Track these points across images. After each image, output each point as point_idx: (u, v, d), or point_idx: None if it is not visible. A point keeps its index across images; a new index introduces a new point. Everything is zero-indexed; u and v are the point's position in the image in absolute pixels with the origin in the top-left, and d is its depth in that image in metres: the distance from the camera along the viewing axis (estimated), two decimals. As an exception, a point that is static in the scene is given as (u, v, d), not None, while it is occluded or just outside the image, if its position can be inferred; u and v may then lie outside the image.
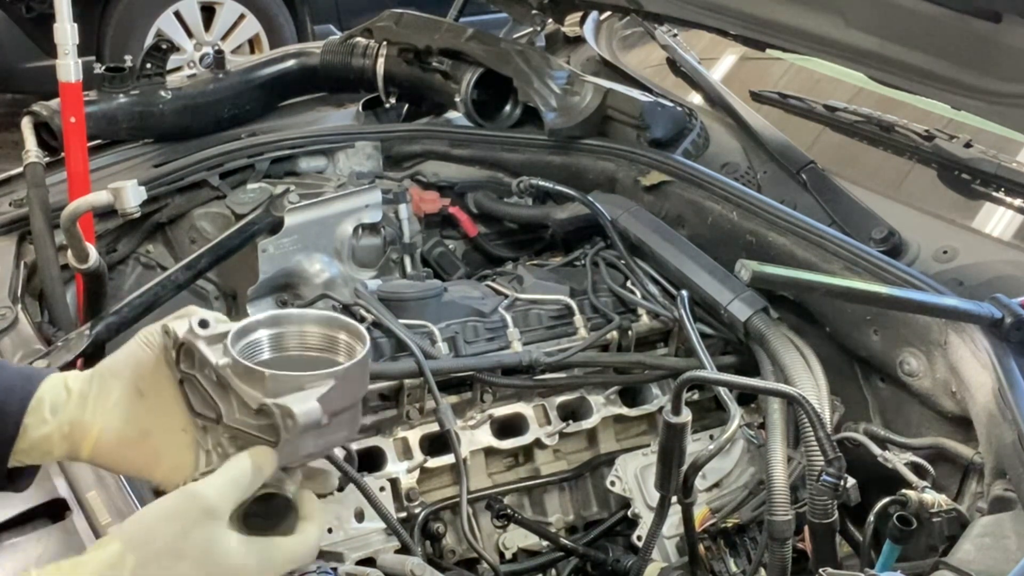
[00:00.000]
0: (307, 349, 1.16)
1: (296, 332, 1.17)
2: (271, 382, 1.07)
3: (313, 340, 1.16)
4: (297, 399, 1.06)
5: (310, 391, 1.07)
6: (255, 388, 1.08)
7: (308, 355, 1.15)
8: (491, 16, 3.41)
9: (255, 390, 1.08)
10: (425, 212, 2.35)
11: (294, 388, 1.07)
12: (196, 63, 5.85)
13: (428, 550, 1.73)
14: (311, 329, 1.16)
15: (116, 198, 1.87)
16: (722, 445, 1.57)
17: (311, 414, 1.05)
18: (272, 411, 1.05)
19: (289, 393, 1.06)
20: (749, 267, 1.40)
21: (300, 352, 1.16)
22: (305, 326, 1.16)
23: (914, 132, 2.10)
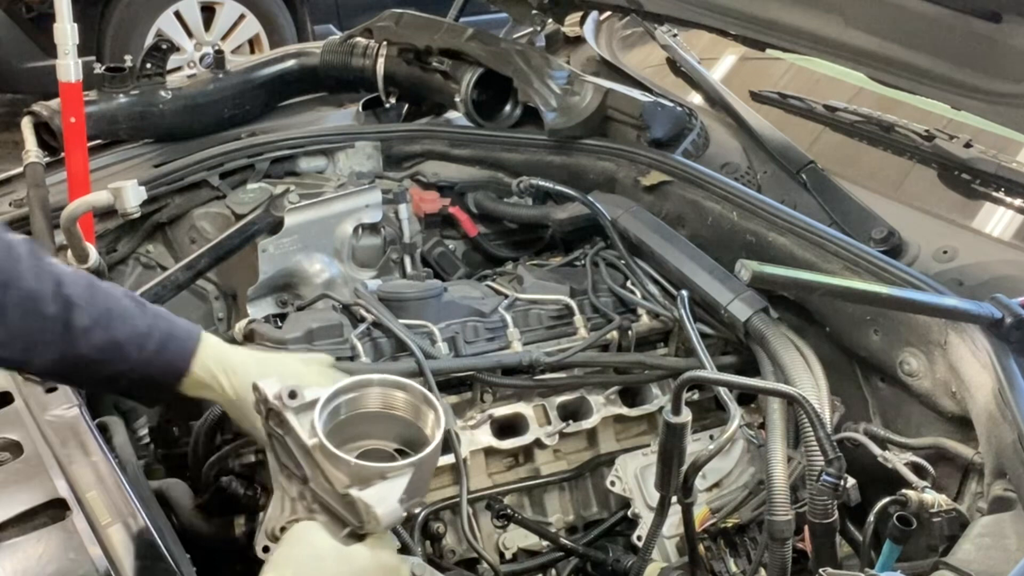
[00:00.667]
0: (388, 408, 1.30)
1: (377, 394, 1.30)
2: (355, 470, 1.19)
3: (395, 402, 1.30)
4: (381, 496, 1.18)
5: (393, 482, 1.19)
6: (341, 470, 1.20)
7: (385, 413, 1.29)
8: (491, 16, 3.41)
9: (341, 473, 1.20)
10: (425, 212, 2.35)
11: (377, 476, 1.20)
12: (196, 63, 5.85)
13: (428, 550, 1.73)
14: (391, 392, 1.29)
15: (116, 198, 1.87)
16: (722, 445, 1.57)
17: (393, 515, 1.19)
18: (357, 504, 1.19)
19: (373, 480, 1.19)
20: (749, 267, 1.40)
21: (378, 411, 1.29)
22: (386, 390, 1.29)
23: (914, 132, 2.10)
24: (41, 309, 1.34)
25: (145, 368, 1.40)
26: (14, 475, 1.43)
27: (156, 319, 1.43)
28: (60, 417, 1.54)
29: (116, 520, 1.35)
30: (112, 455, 1.50)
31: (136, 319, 1.41)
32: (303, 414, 1.27)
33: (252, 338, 1.83)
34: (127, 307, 1.41)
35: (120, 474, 1.44)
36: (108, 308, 1.39)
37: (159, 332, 1.41)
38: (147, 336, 1.40)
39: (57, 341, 1.35)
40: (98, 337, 1.37)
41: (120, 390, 1.44)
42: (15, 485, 1.42)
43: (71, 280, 1.38)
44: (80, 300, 1.36)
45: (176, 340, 1.43)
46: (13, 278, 1.33)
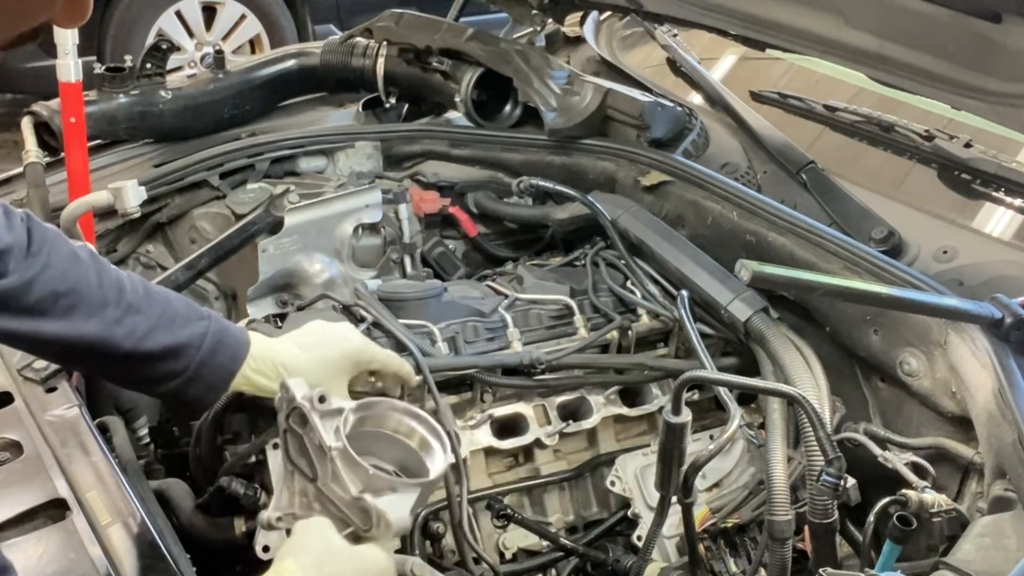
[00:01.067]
0: (398, 433, 1.39)
1: (395, 419, 1.40)
2: (371, 478, 1.29)
3: (403, 429, 1.39)
4: (393, 505, 1.28)
5: (403, 495, 1.29)
6: (357, 476, 1.29)
7: (394, 437, 1.39)
8: (491, 16, 3.41)
9: (356, 478, 1.29)
10: (425, 212, 2.35)
11: (388, 487, 1.29)
12: (197, 63, 5.85)
13: (428, 550, 1.73)
14: (406, 419, 1.40)
15: (116, 198, 1.88)
16: (722, 445, 1.57)
17: (402, 523, 1.29)
18: (369, 510, 1.27)
19: (383, 489, 1.29)
20: (749, 267, 1.40)
21: (390, 433, 1.39)
22: (403, 417, 1.40)
23: (914, 132, 2.10)
24: (105, 313, 1.42)
25: (199, 369, 1.48)
26: (14, 475, 1.44)
27: (210, 322, 1.51)
28: (60, 417, 1.55)
29: (116, 520, 1.35)
30: (112, 455, 1.50)
31: (191, 323, 1.49)
32: (327, 419, 1.34)
33: (252, 338, 1.83)
34: (181, 311, 1.50)
35: (120, 474, 1.45)
36: (164, 312, 1.47)
37: (213, 334, 1.49)
38: (202, 338, 1.48)
39: (121, 343, 1.43)
40: (159, 339, 1.45)
41: (178, 390, 1.49)
42: (15, 485, 1.43)
43: (130, 287, 1.46)
44: (140, 306, 1.45)
45: (228, 343, 1.51)
46: (78, 282, 1.41)
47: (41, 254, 1.39)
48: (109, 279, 1.44)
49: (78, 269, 1.42)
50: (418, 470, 1.37)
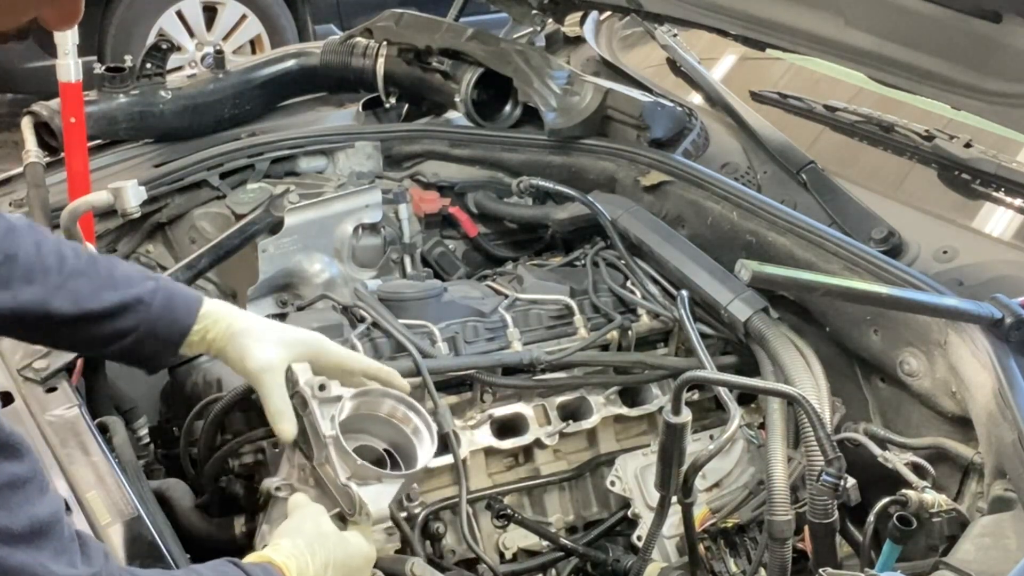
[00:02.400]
0: (392, 417, 1.50)
1: (390, 405, 1.50)
2: (359, 468, 1.39)
3: (397, 415, 1.50)
4: (375, 495, 1.39)
5: (386, 485, 1.40)
6: (346, 464, 1.39)
7: (389, 420, 1.50)
8: (491, 16, 3.40)
9: (345, 465, 1.39)
10: (425, 212, 2.35)
11: (374, 477, 1.40)
12: (197, 63, 5.85)
13: (428, 550, 1.73)
14: (400, 407, 1.50)
15: (116, 198, 1.87)
16: (722, 445, 1.57)
17: (381, 513, 1.40)
18: (353, 497, 1.38)
19: (371, 479, 1.40)
20: (749, 267, 1.40)
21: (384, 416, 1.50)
22: (397, 404, 1.50)
23: (914, 132, 2.10)
24: (46, 280, 1.41)
25: (152, 326, 1.47)
26: (14, 475, 1.43)
27: (159, 281, 1.51)
28: (60, 417, 1.55)
29: (116, 520, 1.36)
30: (112, 455, 1.50)
31: (140, 282, 1.48)
32: (325, 405, 1.44)
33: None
34: (129, 272, 1.49)
35: (120, 474, 1.45)
36: (111, 273, 1.47)
37: (163, 292, 1.49)
38: (152, 295, 1.47)
39: (66, 305, 1.42)
40: (107, 297, 1.44)
41: (132, 348, 1.48)
42: (15, 485, 1.42)
43: (72, 252, 1.46)
44: (83, 269, 1.44)
45: (180, 300, 1.50)
46: (15, 252, 1.40)
47: None
48: (48, 247, 1.43)
49: (13, 239, 1.41)
50: (407, 450, 1.48)
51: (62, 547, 1.04)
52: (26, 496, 1.01)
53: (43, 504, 1.03)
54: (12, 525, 0.98)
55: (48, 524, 1.02)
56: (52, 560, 1.01)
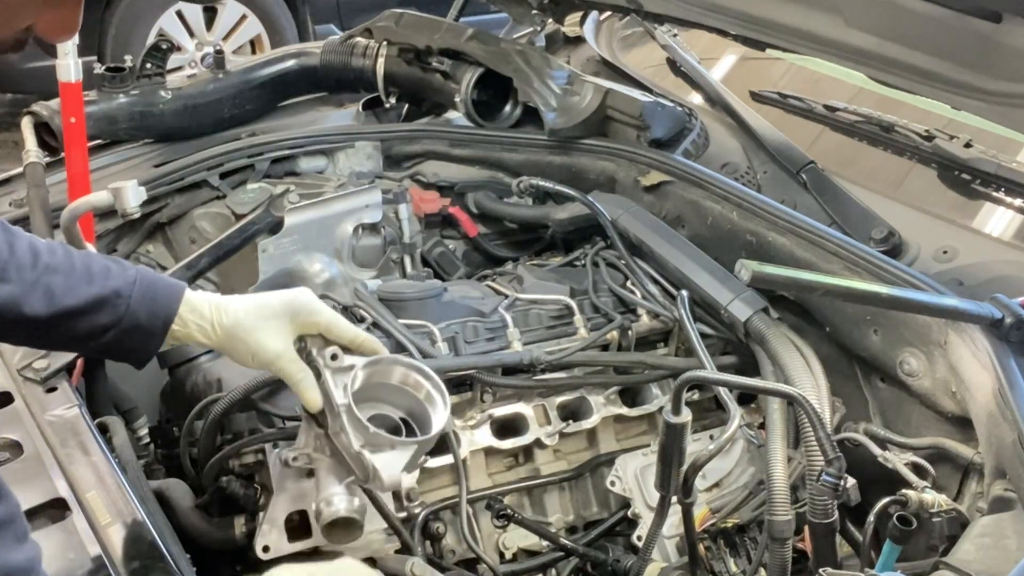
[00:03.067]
0: (406, 384, 1.49)
1: (401, 372, 1.49)
2: (372, 436, 1.39)
3: (410, 381, 1.49)
4: (388, 463, 1.38)
5: (399, 452, 1.39)
6: (359, 432, 1.40)
7: (402, 388, 1.49)
8: (491, 16, 3.41)
9: (359, 434, 1.40)
10: (425, 212, 2.35)
11: (388, 444, 1.39)
12: (198, 63, 5.86)
13: (428, 550, 1.73)
14: (412, 373, 1.49)
15: (116, 198, 1.87)
16: (722, 445, 1.57)
17: (394, 480, 1.38)
18: (366, 465, 1.38)
19: (383, 447, 1.39)
20: (749, 267, 1.40)
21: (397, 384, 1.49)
22: (409, 371, 1.49)
23: (914, 132, 2.10)
24: (20, 277, 1.37)
25: (133, 319, 1.42)
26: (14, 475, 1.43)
27: (138, 272, 1.46)
28: (60, 417, 1.54)
29: (116, 520, 1.35)
30: (112, 455, 1.50)
31: (118, 275, 1.44)
32: (338, 375, 1.44)
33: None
34: (107, 265, 1.45)
35: (120, 474, 1.44)
36: (87, 267, 1.42)
37: (142, 283, 1.44)
38: (131, 286, 1.43)
39: (41, 302, 1.38)
40: (83, 292, 1.40)
41: (113, 343, 1.44)
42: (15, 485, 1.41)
43: (46, 249, 1.42)
44: (58, 265, 1.40)
45: (161, 289, 1.46)
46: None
47: None
48: (21, 246, 1.39)
49: None
50: (423, 417, 1.47)
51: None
52: (2, 542, 0.99)
53: (18, 552, 1.01)
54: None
55: (23, 573, 1.00)
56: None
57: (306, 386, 1.46)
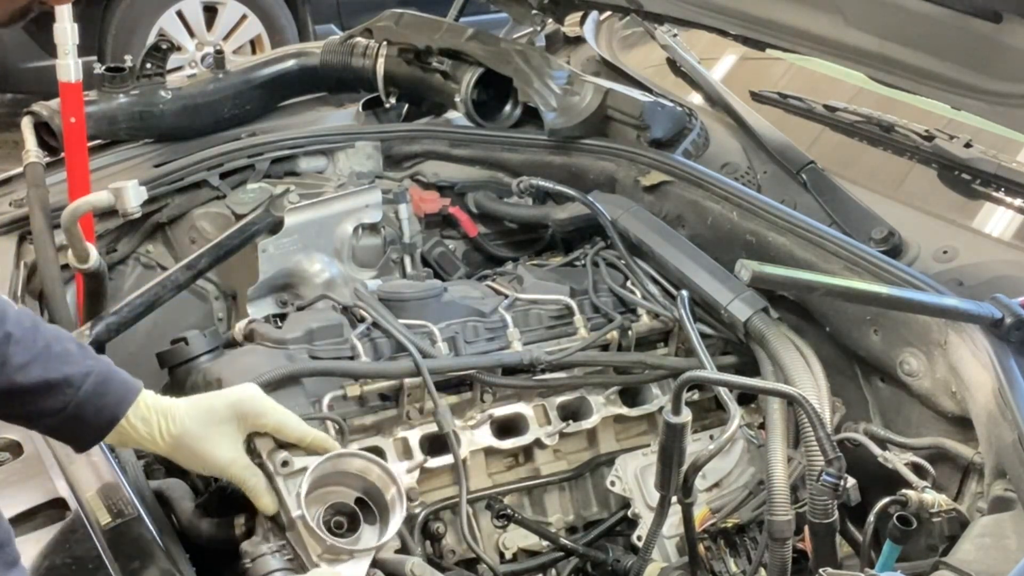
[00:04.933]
0: (362, 473, 1.48)
1: (359, 464, 1.48)
2: (329, 547, 1.38)
3: (368, 474, 1.48)
4: (349, 571, 1.39)
5: (359, 562, 1.40)
6: (316, 541, 1.39)
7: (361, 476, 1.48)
8: (491, 16, 3.40)
9: (315, 543, 1.39)
10: (425, 212, 2.35)
11: (347, 554, 1.39)
12: (198, 63, 5.86)
13: (428, 550, 1.73)
14: (370, 466, 1.48)
15: (117, 198, 1.87)
16: (722, 445, 1.57)
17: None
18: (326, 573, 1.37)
19: (342, 555, 1.39)
20: (749, 267, 1.40)
21: (355, 473, 1.48)
22: (366, 463, 1.48)
23: (914, 132, 2.10)
24: None
25: (77, 410, 1.38)
26: (14, 475, 1.44)
27: (97, 364, 1.42)
28: (60, 417, 1.54)
29: (116, 520, 1.35)
30: (112, 455, 1.50)
31: (76, 362, 1.39)
32: (290, 480, 1.43)
33: (252, 338, 1.83)
34: (69, 349, 1.41)
35: (120, 474, 1.44)
36: (48, 347, 1.38)
37: (96, 376, 1.40)
38: (83, 379, 1.38)
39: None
40: (35, 373, 1.36)
41: (55, 428, 1.41)
42: (15, 485, 1.43)
43: (14, 317, 1.37)
44: (20, 337, 1.35)
45: (113, 387, 1.42)
46: None
47: None
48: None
49: None
50: (379, 497, 1.47)
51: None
52: None
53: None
54: None
55: None
56: None
57: (258, 493, 1.44)
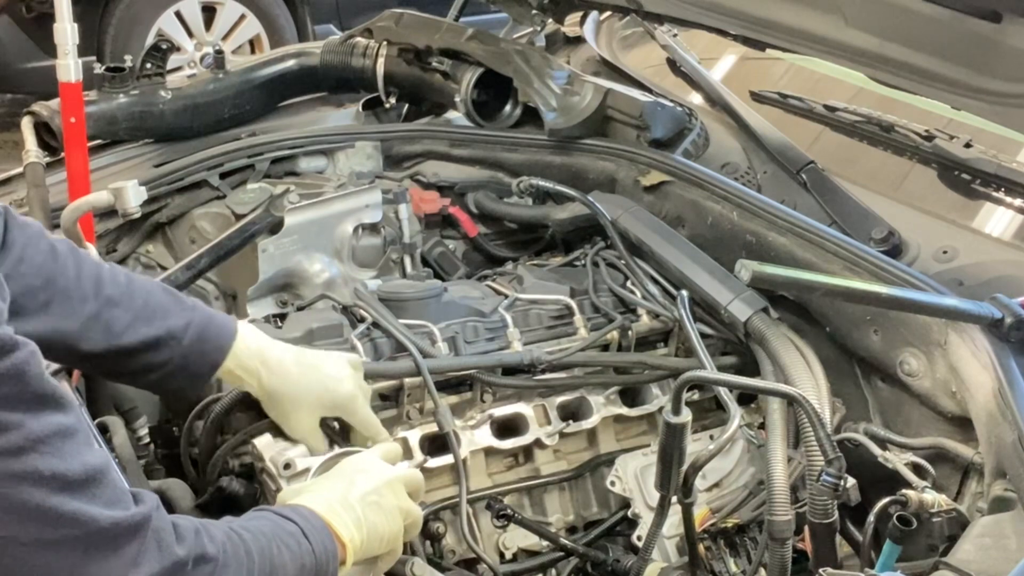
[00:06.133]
0: None
1: None
2: None
3: None
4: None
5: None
6: None
7: None
8: (491, 16, 3.40)
9: None
10: (425, 212, 2.35)
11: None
12: (197, 63, 5.85)
13: (428, 550, 1.73)
14: None
15: (117, 198, 1.87)
16: (722, 445, 1.57)
17: None
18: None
19: None
20: (749, 267, 1.40)
21: None
22: None
23: (914, 132, 2.10)
24: (83, 308, 1.40)
25: (183, 360, 1.47)
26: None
27: (193, 312, 1.49)
28: (60, 417, 1.54)
29: (116, 520, 1.35)
30: (112, 455, 1.50)
31: (175, 314, 1.47)
32: (295, 480, 1.46)
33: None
34: (164, 302, 1.48)
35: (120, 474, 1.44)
36: (146, 303, 1.45)
37: (196, 326, 1.48)
38: (184, 330, 1.47)
39: (99, 337, 1.41)
40: (137, 333, 1.43)
41: (160, 381, 1.50)
42: (15, 485, 1.42)
43: (110, 279, 1.44)
44: (119, 298, 1.43)
45: (212, 333, 1.50)
46: (55, 277, 1.38)
47: (15, 247, 1.37)
48: (88, 273, 1.42)
49: (55, 263, 1.39)
50: None
51: (115, 496, 1.06)
52: (77, 445, 1.03)
53: (93, 454, 1.05)
54: (68, 472, 1.01)
55: (101, 471, 1.04)
56: (107, 507, 1.03)
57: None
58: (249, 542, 1.19)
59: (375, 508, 1.38)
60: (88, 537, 1.01)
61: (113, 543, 1.03)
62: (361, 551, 1.35)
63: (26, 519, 0.98)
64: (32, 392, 1.00)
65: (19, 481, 0.97)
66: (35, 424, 0.99)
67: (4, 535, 0.98)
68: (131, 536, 1.05)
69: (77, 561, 1.01)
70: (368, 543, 1.36)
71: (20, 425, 0.98)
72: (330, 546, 1.30)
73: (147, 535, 1.06)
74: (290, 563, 1.22)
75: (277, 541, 1.22)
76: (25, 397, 0.99)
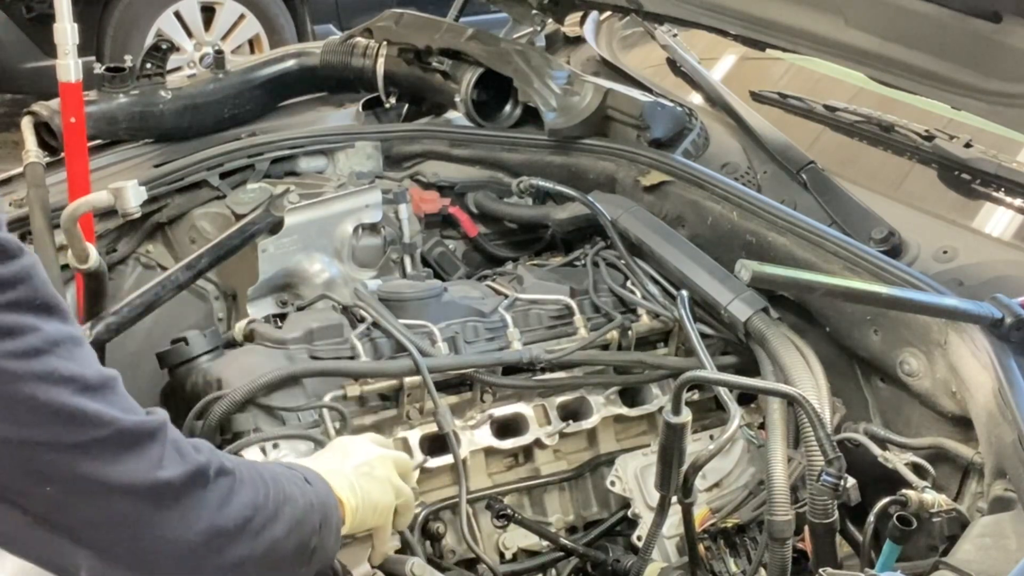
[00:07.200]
0: None
1: None
2: None
3: None
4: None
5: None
6: None
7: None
8: (491, 16, 3.41)
9: None
10: (425, 212, 2.35)
11: None
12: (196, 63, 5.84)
13: (428, 550, 1.73)
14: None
15: (116, 198, 1.87)
16: (722, 445, 1.57)
17: None
18: None
19: None
20: (749, 267, 1.40)
21: None
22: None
23: (914, 132, 2.10)
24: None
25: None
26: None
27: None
28: (60, 417, 1.54)
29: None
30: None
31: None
32: None
33: (252, 338, 1.83)
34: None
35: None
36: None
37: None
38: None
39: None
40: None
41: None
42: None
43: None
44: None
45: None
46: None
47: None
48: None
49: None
50: None
51: (129, 404, 1.06)
52: (87, 353, 1.04)
53: (103, 366, 1.05)
54: (85, 375, 1.01)
55: (114, 379, 1.05)
56: (124, 412, 1.04)
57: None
58: (262, 470, 1.20)
59: (368, 477, 1.40)
60: (113, 437, 1.01)
61: (138, 444, 1.04)
62: (358, 517, 1.36)
63: (53, 420, 0.98)
64: (42, 298, 0.99)
65: (41, 381, 0.97)
66: (49, 327, 0.99)
67: (32, 439, 0.97)
68: (152, 439, 1.05)
69: (107, 461, 1.01)
70: (363, 510, 1.37)
71: (36, 328, 0.97)
72: (332, 500, 1.31)
73: (167, 441, 1.07)
74: (300, 498, 1.23)
75: (286, 478, 1.24)
76: (36, 303, 0.99)
